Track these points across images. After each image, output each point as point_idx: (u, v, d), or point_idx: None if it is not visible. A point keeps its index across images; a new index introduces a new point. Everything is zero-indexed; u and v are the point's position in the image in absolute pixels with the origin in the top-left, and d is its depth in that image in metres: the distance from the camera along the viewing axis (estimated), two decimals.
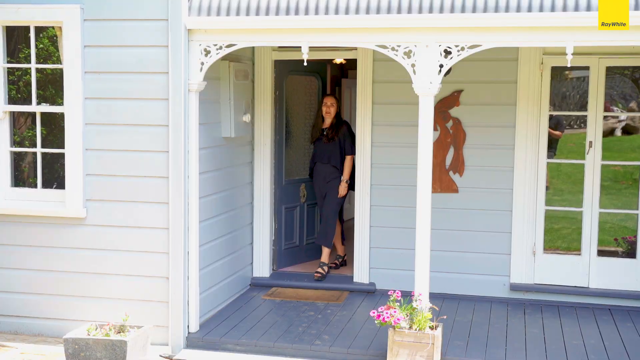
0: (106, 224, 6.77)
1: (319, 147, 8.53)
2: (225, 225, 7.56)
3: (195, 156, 6.65)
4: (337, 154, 8.44)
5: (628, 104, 8.04)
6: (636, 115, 8.11)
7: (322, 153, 8.50)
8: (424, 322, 6.03)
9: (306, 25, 6.29)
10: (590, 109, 7.66)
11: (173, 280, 6.60)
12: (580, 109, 7.87)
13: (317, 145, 8.57)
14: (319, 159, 8.55)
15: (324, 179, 8.54)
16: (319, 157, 8.55)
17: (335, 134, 8.40)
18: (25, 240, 6.95)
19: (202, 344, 6.68)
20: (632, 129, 8.36)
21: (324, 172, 8.52)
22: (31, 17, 6.72)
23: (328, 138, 8.42)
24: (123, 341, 5.62)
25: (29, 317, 7.00)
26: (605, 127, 7.84)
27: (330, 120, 8.44)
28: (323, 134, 8.48)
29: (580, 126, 7.92)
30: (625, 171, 7.85)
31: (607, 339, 6.75)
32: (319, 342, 6.60)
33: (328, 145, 8.44)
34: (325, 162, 8.48)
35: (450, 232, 7.88)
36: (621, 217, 7.87)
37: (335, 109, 8.45)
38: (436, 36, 6.11)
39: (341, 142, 8.42)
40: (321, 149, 8.50)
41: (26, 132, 7.39)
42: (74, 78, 6.67)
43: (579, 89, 7.93)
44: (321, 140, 8.49)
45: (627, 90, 7.97)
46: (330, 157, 8.46)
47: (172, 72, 6.46)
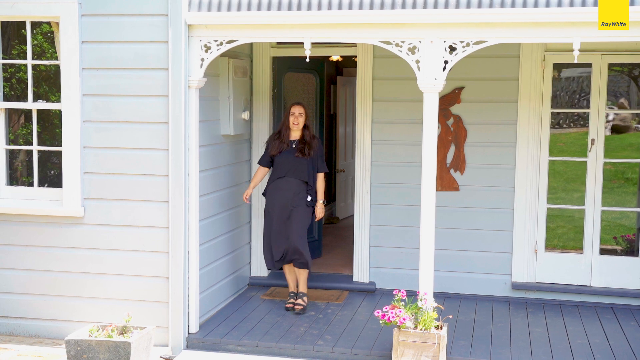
0: (104, 223, 6.64)
1: (286, 160, 7.32)
2: (224, 224, 7.46)
3: (195, 154, 6.55)
4: (309, 169, 7.34)
5: (618, 101, 7.99)
6: (630, 113, 8.05)
7: (289, 167, 7.30)
8: (430, 322, 5.95)
9: (309, 21, 6.20)
10: (593, 106, 7.60)
11: (173, 280, 6.49)
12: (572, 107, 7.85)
13: (282, 158, 7.34)
14: (285, 173, 7.32)
15: (292, 195, 7.30)
16: (284, 170, 7.32)
17: (310, 149, 7.34)
18: (21, 239, 6.81)
19: (203, 345, 6.57)
20: (622, 129, 8.33)
21: (293, 187, 7.31)
22: (27, 12, 6.58)
23: (301, 152, 7.31)
24: (127, 342, 5.50)
25: (25, 318, 6.86)
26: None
27: (300, 132, 7.38)
28: (292, 147, 7.39)
29: (570, 125, 7.86)
30: (617, 170, 7.82)
31: (612, 338, 6.69)
32: (321, 343, 6.51)
33: (299, 160, 7.30)
34: (294, 176, 7.30)
35: (451, 231, 7.80)
36: (616, 215, 7.83)
37: (304, 119, 7.37)
38: (441, 32, 6.03)
39: (314, 158, 7.38)
40: (289, 163, 7.30)
41: (20, 130, 7.26)
42: (71, 74, 6.53)
43: (572, 87, 7.89)
44: (289, 153, 7.34)
45: (619, 88, 7.92)
46: (301, 172, 7.30)
47: (172, 68, 6.35)
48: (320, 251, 9.25)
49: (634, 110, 8.06)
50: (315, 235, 9.16)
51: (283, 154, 7.34)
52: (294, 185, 7.31)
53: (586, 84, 7.81)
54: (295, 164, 7.29)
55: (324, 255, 9.31)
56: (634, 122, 8.03)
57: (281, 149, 7.36)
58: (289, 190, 7.30)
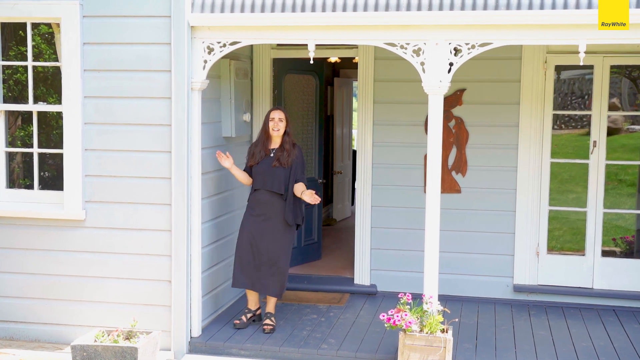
0: (106, 226, 6.58)
1: (265, 170, 6.78)
2: (224, 227, 7.40)
3: (198, 156, 6.50)
4: (285, 180, 6.78)
5: (609, 101, 7.98)
6: (621, 115, 8.04)
7: (268, 178, 6.77)
8: (436, 326, 5.91)
9: (313, 22, 6.15)
10: (595, 108, 7.60)
11: (176, 284, 6.43)
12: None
13: (259, 168, 6.80)
14: (261, 185, 6.79)
15: (271, 209, 6.80)
16: (260, 182, 6.80)
17: (289, 158, 6.79)
18: (22, 243, 6.73)
19: (206, 349, 6.51)
20: (613, 130, 8.31)
21: (272, 202, 6.80)
22: (28, 14, 6.51)
23: (279, 161, 6.77)
24: (134, 348, 5.43)
25: (25, 323, 6.79)
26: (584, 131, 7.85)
27: (280, 140, 6.86)
28: (271, 156, 6.85)
29: (561, 127, 7.84)
30: (609, 171, 7.80)
31: (616, 341, 6.68)
32: (325, 346, 6.46)
33: (278, 170, 6.75)
34: (273, 189, 6.77)
35: (452, 233, 7.78)
36: (612, 216, 7.82)
37: (285, 124, 6.82)
38: (446, 34, 5.99)
39: (293, 168, 6.80)
40: (267, 173, 6.77)
41: (17, 132, 7.18)
42: (72, 76, 6.47)
43: (565, 89, 7.88)
44: (267, 162, 6.80)
45: (611, 89, 7.90)
46: (281, 184, 6.76)
47: (175, 70, 6.29)
48: (319, 253, 9.22)
49: (633, 112, 8.04)
50: (315, 237, 9.13)
51: (261, 164, 6.82)
52: (273, 200, 6.79)
53: (579, 85, 7.82)
54: (274, 176, 6.76)
55: (324, 258, 9.28)
56: (626, 124, 8.02)
57: (260, 159, 6.84)
58: (267, 206, 6.80)
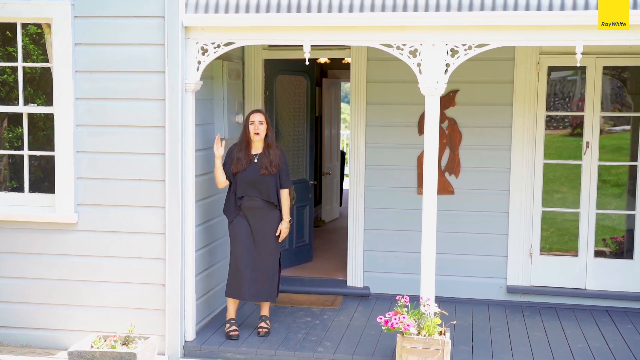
0: (99, 229, 6.49)
1: (253, 179, 6.60)
2: (217, 229, 7.33)
3: (192, 158, 6.43)
4: (273, 186, 6.64)
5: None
6: (628, 116, 8.06)
7: (258, 187, 6.60)
8: (433, 328, 5.88)
9: (309, 23, 6.11)
10: (587, 109, 7.60)
11: (170, 287, 6.36)
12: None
13: (245, 176, 6.61)
14: (244, 193, 6.62)
15: (261, 218, 6.65)
16: (244, 189, 6.62)
17: (275, 165, 6.63)
18: (12, 247, 6.63)
19: (200, 353, 6.44)
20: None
21: (261, 209, 6.65)
22: (18, 14, 6.41)
23: (266, 169, 6.60)
24: (132, 354, 5.36)
25: (15, 328, 6.68)
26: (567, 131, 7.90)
27: (262, 144, 6.67)
28: (254, 161, 6.65)
29: (549, 127, 7.84)
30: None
31: (611, 341, 6.68)
32: (321, 350, 6.41)
33: (267, 178, 6.59)
34: (260, 196, 6.62)
35: (446, 234, 7.73)
36: (599, 216, 7.82)
37: (266, 127, 6.63)
38: (443, 35, 5.97)
39: (279, 173, 6.68)
40: (257, 182, 6.59)
41: (5, 134, 7.07)
42: (63, 77, 6.38)
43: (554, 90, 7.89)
44: (253, 170, 6.60)
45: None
46: (269, 191, 6.61)
47: (169, 71, 6.22)
48: (311, 255, 9.17)
49: (626, 114, 8.05)
50: (306, 239, 9.08)
51: (247, 171, 6.61)
52: (262, 207, 6.65)
53: (567, 87, 7.83)
54: (261, 183, 6.59)
55: (315, 260, 9.22)
56: (607, 125, 8.03)
57: (245, 165, 6.62)
58: (257, 214, 6.65)
